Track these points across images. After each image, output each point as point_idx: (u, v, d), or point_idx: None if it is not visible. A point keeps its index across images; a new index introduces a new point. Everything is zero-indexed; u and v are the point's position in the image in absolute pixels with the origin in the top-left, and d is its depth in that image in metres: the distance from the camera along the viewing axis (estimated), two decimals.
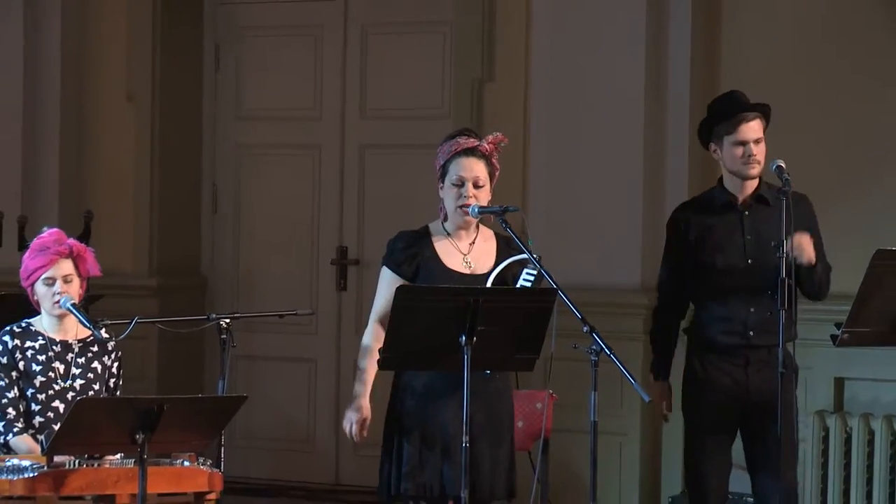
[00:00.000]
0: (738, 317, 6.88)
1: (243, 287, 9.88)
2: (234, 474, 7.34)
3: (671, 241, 7.10)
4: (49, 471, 6.04)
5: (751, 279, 6.86)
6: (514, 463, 6.80)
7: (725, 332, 6.91)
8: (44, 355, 6.50)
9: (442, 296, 6.38)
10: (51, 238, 6.53)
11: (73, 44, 9.83)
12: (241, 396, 6.26)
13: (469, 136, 6.69)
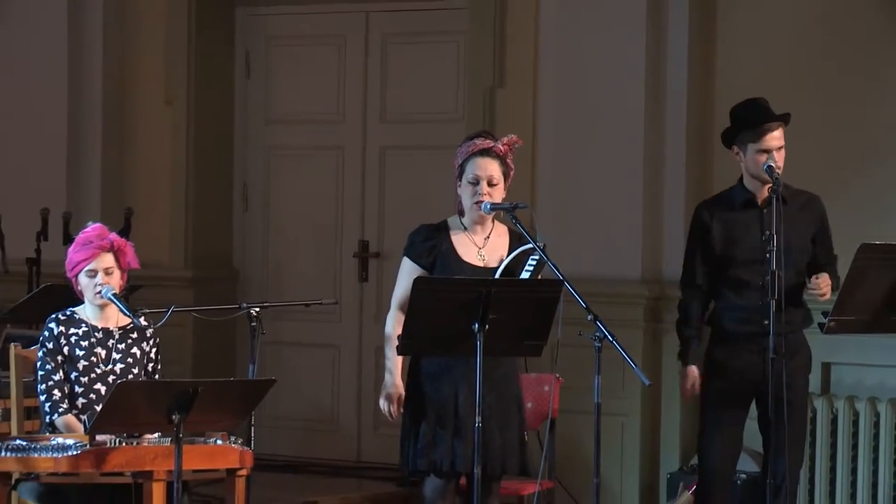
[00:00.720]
0: (755, 307, 6.89)
1: (272, 278, 9.88)
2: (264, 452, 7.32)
3: (693, 236, 7.10)
4: (91, 449, 6.03)
5: (766, 272, 6.86)
6: (524, 443, 6.80)
7: (743, 320, 6.93)
8: (86, 341, 6.50)
9: (457, 287, 6.39)
10: (94, 233, 6.53)
11: (114, 52, 9.84)
12: (270, 380, 6.26)
13: (486, 138, 6.73)
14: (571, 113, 8.62)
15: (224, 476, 6.38)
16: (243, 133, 10.00)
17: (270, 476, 8.37)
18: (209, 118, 9.87)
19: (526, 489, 7.13)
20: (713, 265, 7.03)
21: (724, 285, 7.01)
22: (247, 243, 10.01)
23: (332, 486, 9.01)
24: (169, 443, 5.99)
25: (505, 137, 6.75)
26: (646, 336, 8.33)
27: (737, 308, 6.98)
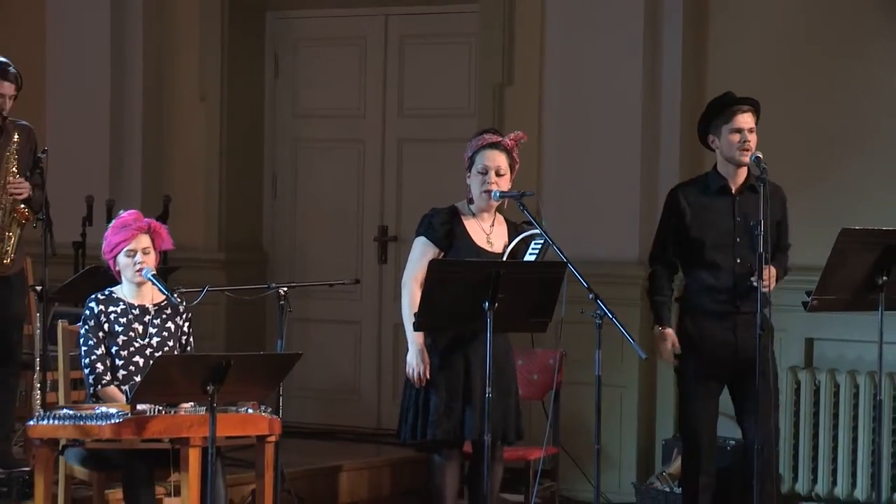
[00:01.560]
0: (727, 287, 6.88)
1: (298, 260, 9.88)
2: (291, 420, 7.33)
3: (668, 216, 7.07)
4: (132, 417, 6.03)
5: (737, 254, 6.86)
6: (520, 411, 6.84)
7: (716, 300, 6.92)
8: (125, 317, 6.50)
9: (469, 269, 6.43)
10: (130, 217, 6.54)
11: (153, 54, 9.84)
12: (297, 354, 6.26)
13: (494, 133, 6.79)
14: (574, 108, 8.63)
15: (255, 442, 6.39)
16: (272, 127, 9.99)
17: (297, 442, 8.37)
18: (241, 113, 9.87)
19: (532, 454, 7.13)
20: (685, 245, 7.01)
21: (698, 266, 6.98)
22: (275, 228, 10.00)
23: (354, 451, 9.00)
24: (204, 411, 5.99)
25: (511, 133, 6.81)
26: (642, 313, 8.30)
27: (710, 288, 6.96)
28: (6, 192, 7.52)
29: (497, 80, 8.98)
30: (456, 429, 6.70)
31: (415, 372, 6.71)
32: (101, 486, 6.54)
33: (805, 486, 8.08)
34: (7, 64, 7.56)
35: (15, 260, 7.58)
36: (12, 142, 7.54)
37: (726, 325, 6.90)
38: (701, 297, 6.97)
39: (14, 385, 7.77)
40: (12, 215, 7.54)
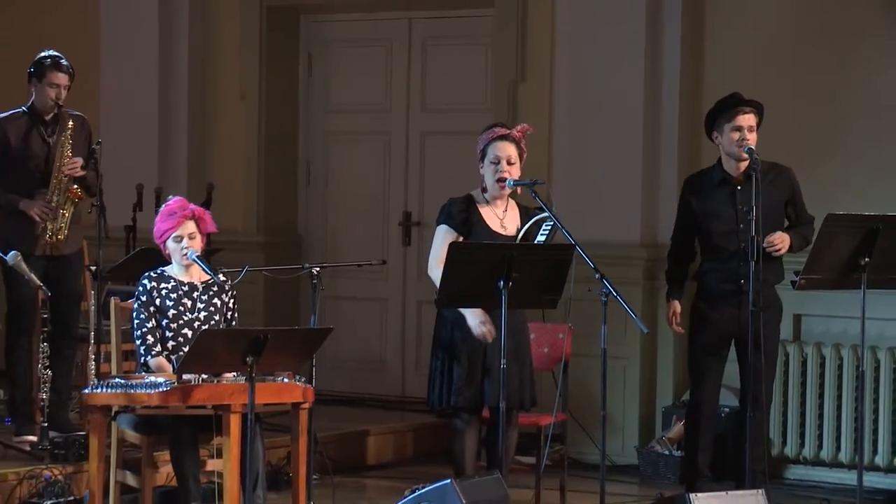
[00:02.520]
0: (732, 269, 6.98)
1: (330, 243, 9.88)
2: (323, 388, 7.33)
3: (680, 209, 7.24)
4: (179, 386, 6.04)
5: (740, 239, 6.90)
6: (534, 380, 6.87)
7: (723, 280, 7.04)
8: (174, 294, 6.50)
9: (486, 251, 6.44)
10: (176, 205, 6.53)
11: (198, 53, 9.83)
12: (328, 328, 6.27)
13: (502, 127, 6.80)
14: (581, 103, 8.61)
15: (290, 409, 6.40)
16: (306, 121, 9.99)
17: (329, 409, 8.38)
18: (277, 109, 9.87)
19: (543, 420, 7.12)
20: (695, 233, 7.15)
21: (707, 251, 7.14)
22: (309, 213, 10.00)
23: (381, 417, 9.02)
24: (244, 381, 5.98)
25: (519, 125, 6.84)
26: (644, 292, 8.31)
27: (717, 270, 7.06)
28: (62, 172, 7.54)
29: (511, 77, 8.96)
30: (476, 396, 6.72)
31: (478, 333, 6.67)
32: (149, 449, 6.54)
33: (793, 450, 8.07)
34: (60, 57, 7.59)
35: (69, 237, 7.60)
36: (67, 128, 7.57)
37: (733, 302, 6.98)
38: (710, 277, 7.11)
39: (71, 356, 7.79)
40: (66, 194, 7.57)
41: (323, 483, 7.23)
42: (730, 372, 7.21)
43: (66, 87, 7.57)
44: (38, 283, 6.85)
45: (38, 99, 7.60)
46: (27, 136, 7.58)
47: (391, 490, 7.50)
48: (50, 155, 7.58)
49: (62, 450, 7.14)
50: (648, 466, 8.20)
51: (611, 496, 6.89)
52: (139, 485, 6.57)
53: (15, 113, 7.64)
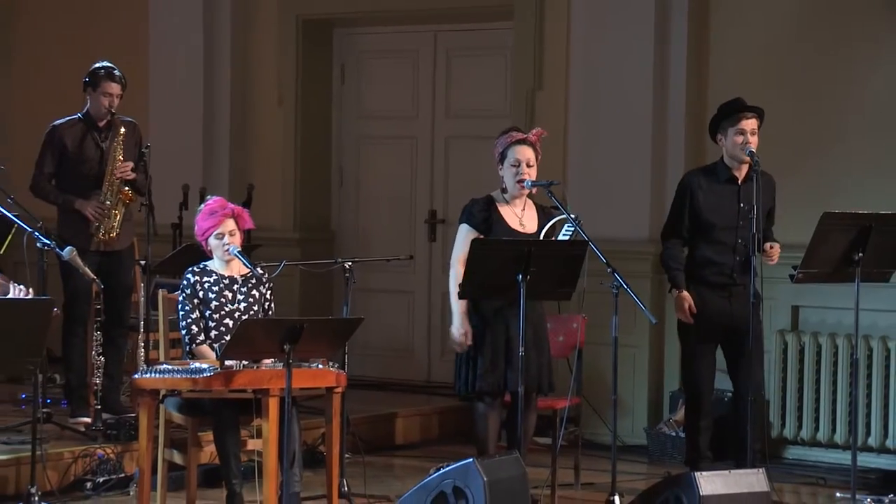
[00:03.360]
0: (726, 262, 6.93)
1: (361, 239, 9.88)
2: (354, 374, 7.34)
3: (682, 197, 7.10)
4: (221, 372, 6.04)
5: (739, 235, 6.88)
6: (551, 367, 6.85)
7: (716, 273, 6.98)
8: (216, 287, 6.50)
9: (506, 246, 6.43)
10: (216, 204, 6.53)
11: (239, 63, 9.84)
12: (359, 318, 6.27)
13: (519, 131, 6.76)
14: (594, 109, 8.60)
15: (324, 393, 6.39)
16: (339, 126, 9.99)
17: (360, 393, 8.38)
18: (312, 115, 9.87)
19: (559, 404, 7.10)
20: (696, 224, 7.03)
21: (704, 243, 7.04)
22: (341, 211, 10.01)
23: (408, 400, 9.02)
24: (281, 367, 5.98)
25: (534, 129, 6.84)
26: (652, 284, 8.29)
27: (713, 263, 7.01)
28: (114, 175, 7.56)
29: (529, 86, 8.94)
30: (499, 382, 6.71)
31: (458, 339, 6.71)
32: (194, 430, 6.55)
33: (792, 432, 8.04)
34: (112, 68, 7.61)
35: (120, 235, 7.63)
36: (119, 134, 7.60)
37: (724, 294, 6.96)
38: (703, 270, 7.02)
39: (123, 344, 7.82)
40: (118, 195, 7.59)
41: (354, 462, 7.24)
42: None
43: (118, 96, 7.59)
44: (92, 276, 6.86)
45: (92, 107, 7.63)
46: (82, 142, 7.61)
47: (418, 468, 7.50)
48: (103, 158, 7.61)
49: (114, 430, 7.17)
50: (656, 447, 8.19)
51: (621, 474, 6.87)
52: (185, 463, 6.58)
53: (71, 120, 7.67)
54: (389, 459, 8.07)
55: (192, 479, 6.55)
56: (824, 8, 8.13)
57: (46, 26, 10.34)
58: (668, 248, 7.12)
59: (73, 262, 6.60)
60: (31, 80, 10.34)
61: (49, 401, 7.85)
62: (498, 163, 6.79)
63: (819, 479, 7.61)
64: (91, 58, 7.92)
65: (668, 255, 7.11)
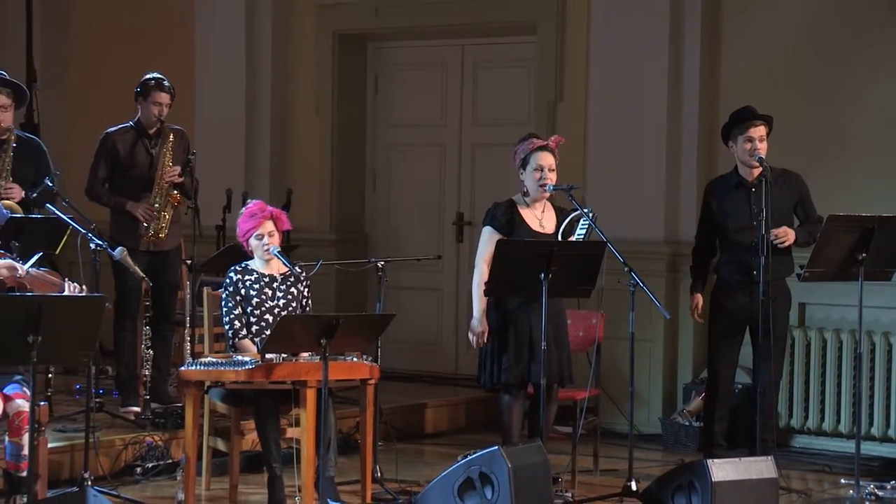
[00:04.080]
0: (746, 262, 6.96)
1: (392, 240, 9.87)
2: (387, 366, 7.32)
3: (702, 208, 7.21)
4: (262, 364, 6.05)
5: (753, 236, 6.87)
6: (571, 360, 6.84)
7: (737, 272, 7.03)
8: (257, 284, 6.51)
9: (529, 247, 6.42)
10: (256, 207, 6.54)
11: (279, 75, 9.85)
12: (391, 314, 6.26)
13: (538, 138, 6.75)
14: (611, 118, 8.57)
15: (358, 384, 6.39)
16: (372, 134, 9.99)
17: (392, 384, 8.37)
18: (347, 123, 9.87)
19: (579, 395, 7.09)
20: (715, 230, 7.08)
21: (724, 245, 7.11)
22: (374, 214, 10.00)
23: (437, 391, 9.01)
24: (318, 360, 5.98)
25: (553, 137, 6.84)
26: (667, 282, 8.26)
27: (733, 262, 7.02)
28: (163, 179, 7.58)
29: (550, 97, 8.92)
30: (522, 374, 6.70)
31: (475, 336, 6.70)
32: (237, 418, 6.57)
33: (798, 422, 8.00)
34: (162, 79, 7.64)
35: (168, 235, 7.64)
36: (168, 141, 7.62)
37: (745, 291, 6.97)
38: (727, 269, 7.10)
39: (170, 338, 7.84)
40: (167, 198, 7.61)
41: (387, 449, 7.24)
42: (744, 353, 7.16)
43: (167, 105, 7.61)
44: (142, 274, 6.87)
45: (143, 115, 7.65)
46: (133, 148, 7.63)
47: (446, 455, 7.49)
48: (153, 164, 7.63)
49: (162, 419, 7.18)
50: (671, 436, 8.15)
51: (638, 461, 6.85)
52: (228, 449, 6.59)
53: (123, 127, 7.69)
54: (419, 447, 8.06)
55: (234, 465, 6.56)
56: (829, 22, 8.08)
57: (100, 41, 10.37)
58: (692, 254, 7.26)
59: (124, 262, 6.61)
60: (86, 91, 10.38)
61: (101, 391, 7.87)
62: (520, 168, 6.78)
63: (825, 466, 7.57)
64: (142, 70, 7.95)
65: (692, 262, 7.26)
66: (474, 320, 6.71)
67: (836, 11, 8.05)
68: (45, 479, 5.95)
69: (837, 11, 8.05)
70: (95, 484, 6.22)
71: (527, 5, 9.02)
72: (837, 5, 8.06)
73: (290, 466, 6.28)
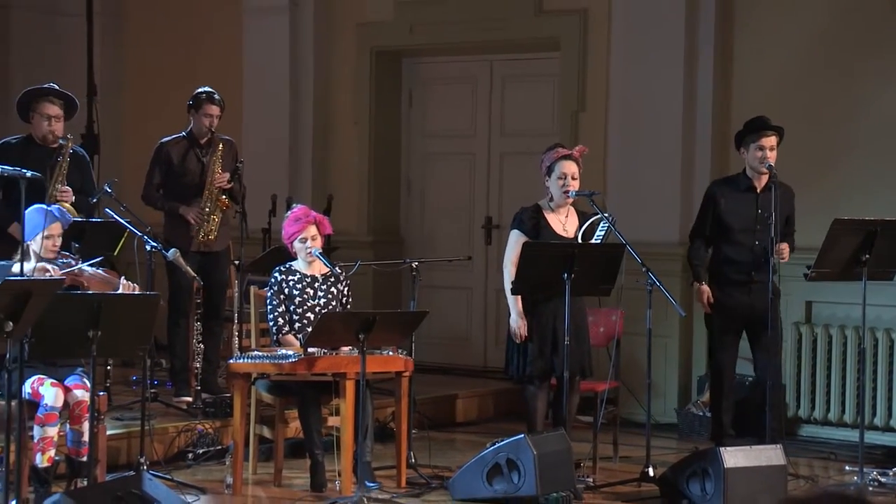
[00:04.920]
0: (746, 261, 6.89)
1: (426, 242, 9.86)
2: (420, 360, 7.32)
3: (707, 204, 7.10)
4: (305, 358, 6.06)
5: (756, 238, 6.84)
6: (591, 354, 6.83)
7: (737, 271, 6.96)
8: (300, 284, 6.53)
9: (553, 249, 6.41)
10: (301, 212, 6.56)
11: (320, 89, 9.85)
12: (424, 311, 6.28)
13: (563, 147, 6.73)
14: (630, 128, 8.54)
15: (394, 376, 6.40)
16: (407, 143, 9.98)
17: (425, 377, 8.35)
18: (383, 133, 9.87)
19: (599, 387, 7.07)
20: (719, 227, 6.99)
21: (725, 244, 7.03)
22: (409, 218, 10.00)
23: (467, 383, 9.00)
24: (357, 353, 5.99)
25: (577, 146, 6.82)
26: (682, 282, 8.21)
27: (734, 262, 6.97)
28: (213, 185, 7.61)
29: (573, 108, 8.90)
30: (546, 367, 6.69)
31: (517, 331, 6.69)
32: (281, 408, 6.58)
33: (805, 412, 7.95)
34: (213, 92, 7.67)
35: (218, 237, 7.66)
36: (218, 150, 7.65)
37: (743, 290, 6.91)
38: (724, 268, 7.00)
39: (219, 333, 7.86)
40: (216, 203, 7.63)
41: (420, 436, 7.23)
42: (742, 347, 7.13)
43: (217, 117, 7.63)
44: (193, 274, 6.90)
45: (195, 126, 7.67)
46: (185, 157, 7.66)
47: (475, 443, 7.48)
48: (204, 171, 7.65)
49: (212, 408, 7.20)
50: (686, 425, 8.12)
51: (655, 449, 6.83)
52: (273, 436, 6.61)
53: (177, 137, 7.72)
54: (451, 435, 8.05)
55: (279, 451, 6.57)
56: (834, 38, 8.02)
57: (154, 58, 10.41)
58: (693, 247, 7.14)
59: (177, 262, 6.64)
60: (141, 104, 10.43)
61: (156, 382, 7.90)
62: (545, 175, 6.78)
63: (830, 454, 7.52)
64: (194, 84, 7.97)
65: (693, 253, 7.13)
66: (513, 318, 6.69)
67: (843, 25, 7.99)
68: (104, 463, 5.98)
69: (844, 25, 7.99)
70: (150, 468, 6.25)
71: (551, 24, 9.00)
72: (844, 19, 8.00)
73: (331, 452, 6.29)
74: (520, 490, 6.06)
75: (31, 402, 5.63)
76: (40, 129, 7.05)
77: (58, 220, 5.94)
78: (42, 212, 5.90)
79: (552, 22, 9.00)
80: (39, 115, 7.03)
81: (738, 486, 6.05)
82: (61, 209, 6.14)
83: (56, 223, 5.91)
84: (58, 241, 5.93)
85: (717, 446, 6.32)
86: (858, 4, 7.97)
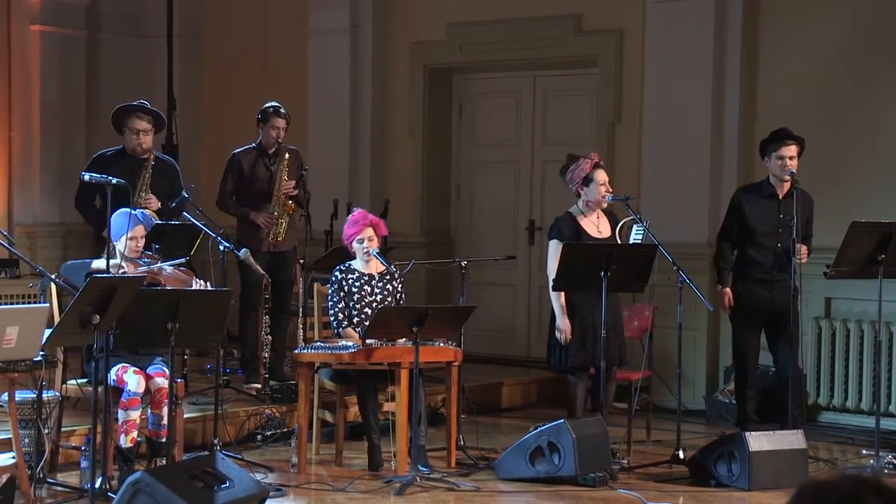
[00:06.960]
0: (768, 261, 6.85)
1: (475, 243, 9.85)
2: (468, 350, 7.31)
3: (732, 210, 7.07)
4: (363, 348, 6.07)
5: (778, 240, 6.78)
6: (625, 346, 6.80)
7: (759, 271, 6.93)
8: (358, 282, 6.54)
9: (591, 249, 6.37)
10: (359, 215, 6.57)
11: (378, 103, 9.86)
12: (472, 306, 6.27)
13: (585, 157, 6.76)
14: (662, 137, 8.48)
15: (444, 366, 6.39)
16: (457, 152, 9.98)
17: (473, 366, 8.37)
18: (436, 143, 9.87)
19: (634, 376, 7.02)
20: (744, 231, 6.95)
21: (749, 246, 6.98)
22: (459, 220, 9.99)
23: (511, 372, 8.98)
24: (411, 345, 5.99)
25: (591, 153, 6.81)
26: (709, 279, 8.13)
27: (756, 262, 6.92)
28: (280, 192, 7.64)
29: (610, 120, 8.86)
30: (586, 358, 6.66)
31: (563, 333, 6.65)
32: (342, 394, 6.60)
33: (825, 400, 7.87)
34: (279, 106, 7.70)
35: (285, 239, 7.70)
36: (284, 159, 7.67)
37: (766, 288, 6.86)
38: (749, 268, 6.96)
39: (286, 326, 7.89)
40: (283, 208, 7.66)
41: (468, 421, 7.22)
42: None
43: (284, 129, 7.66)
44: (262, 272, 6.94)
45: (263, 137, 7.71)
46: (255, 166, 7.70)
47: (519, 427, 7.45)
48: (272, 179, 7.68)
49: (279, 394, 7.24)
50: (713, 411, 8.05)
51: (684, 433, 6.77)
52: (334, 420, 6.63)
53: (247, 148, 7.76)
54: (496, 420, 8.03)
55: (339, 434, 6.59)
56: (854, 52, 7.92)
57: (228, 75, 10.48)
58: (720, 250, 7.11)
59: (247, 261, 6.68)
60: (216, 117, 10.50)
61: (228, 370, 7.94)
62: (581, 185, 6.72)
63: (848, 438, 7.43)
64: (263, 99, 8.01)
65: (719, 256, 7.10)
66: (558, 321, 6.67)
67: (864, 39, 7.89)
68: (181, 444, 6.03)
69: (865, 39, 7.88)
70: (223, 449, 6.28)
71: (590, 43, 8.95)
72: (865, 33, 7.89)
73: (387, 435, 6.30)
74: (560, 470, 6.03)
75: (116, 388, 5.69)
76: (130, 141, 7.13)
77: (141, 224, 5.98)
78: (126, 215, 5.95)
79: (591, 41, 8.95)
80: (129, 130, 7.12)
81: (762, 468, 6.00)
82: (145, 213, 6.19)
83: (139, 226, 5.96)
84: (140, 242, 5.98)
85: (742, 431, 6.26)
86: (879, 19, 7.86)
